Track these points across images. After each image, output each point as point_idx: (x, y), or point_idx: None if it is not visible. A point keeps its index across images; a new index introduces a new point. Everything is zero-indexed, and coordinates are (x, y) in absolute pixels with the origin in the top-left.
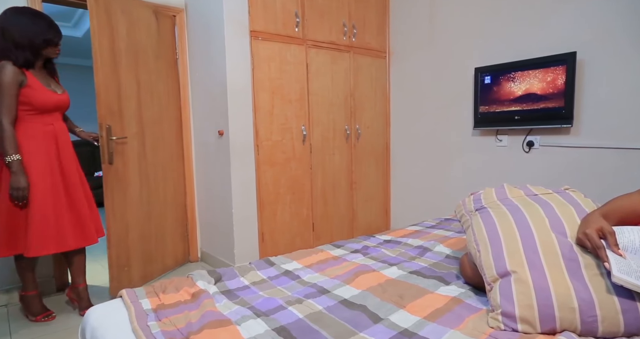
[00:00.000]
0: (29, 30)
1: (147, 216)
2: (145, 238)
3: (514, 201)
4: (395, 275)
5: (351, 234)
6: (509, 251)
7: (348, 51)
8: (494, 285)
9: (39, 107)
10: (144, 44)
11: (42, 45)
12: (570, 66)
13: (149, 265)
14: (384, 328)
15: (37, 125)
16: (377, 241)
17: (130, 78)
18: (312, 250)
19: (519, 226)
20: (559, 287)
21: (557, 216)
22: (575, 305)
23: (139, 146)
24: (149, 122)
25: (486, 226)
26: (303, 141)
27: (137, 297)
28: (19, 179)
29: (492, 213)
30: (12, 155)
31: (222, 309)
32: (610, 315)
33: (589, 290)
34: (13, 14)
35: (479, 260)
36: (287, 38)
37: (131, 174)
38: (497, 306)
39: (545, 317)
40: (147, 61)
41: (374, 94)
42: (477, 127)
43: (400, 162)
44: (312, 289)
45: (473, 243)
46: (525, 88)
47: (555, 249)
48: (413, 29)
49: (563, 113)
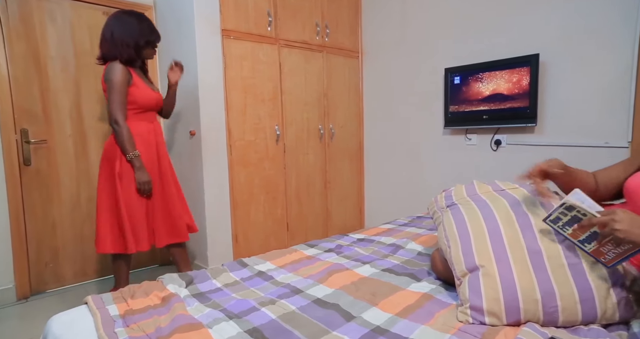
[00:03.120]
0: (135, 32)
1: (90, 215)
2: (84, 238)
3: (482, 197)
4: (368, 273)
5: (326, 233)
6: (478, 246)
7: (321, 51)
8: (463, 280)
9: (143, 105)
10: (87, 47)
11: (144, 46)
12: (534, 67)
13: (88, 264)
14: (357, 326)
15: (142, 123)
16: (350, 240)
17: (66, 82)
18: (285, 250)
19: (487, 222)
20: (523, 280)
21: (522, 210)
22: (538, 297)
23: (77, 146)
24: (94, 123)
25: (456, 222)
26: (277, 141)
27: (103, 303)
28: (144, 173)
29: (462, 209)
30: (132, 151)
31: (193, 313)
32: (570, 305)
33: (550, 282)
34: (122, 15)
35: (449, 255)
36: (260, 37)
37: (61, 174)
38: (466, 300)
39: (510, 309)
40: (92, 62)
41: (347, 94)
42: (447, 127)
43: (374, 161)
44: (285, 290)
45: (444, 239)
46: (493, 89)
47: (521, 243)
48: (385, 29)
49: (528, 112)
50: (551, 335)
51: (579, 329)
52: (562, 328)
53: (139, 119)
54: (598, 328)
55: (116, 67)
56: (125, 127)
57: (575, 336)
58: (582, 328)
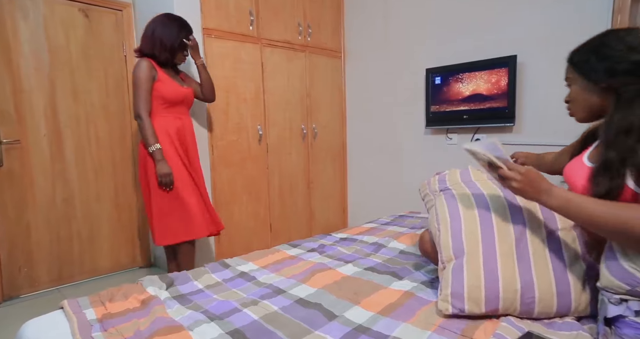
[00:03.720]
0: (173, 36)
1: (66, 217)
2: (61, 240)
3: (477, 183)
4: (350, 272)
5: (309, 233)
6: (467, 233)
7: (303, 51)
8: (447, 265)
9: (169, 99)
10: (63, 44)
11: (178, 48)
12: (512, 68)
13: (65, 267)
14: (339, 324)
15: (169, 118)
16: (333, 239)
17: (40, 80)
18: (268, 250)
19: (479, 209)
20: (506, 270)
21: (514, 200)
22: (518, 287)
23: (53, 146)
24: (71, 122)
25: (449, 207)
26: (259, 141)
27: (80, 307)
28: (163, 166)
29: (456, 194)
30: (153, 144)
31: (173, 315)
32: (547, 297)
33: (531, 273)
34: (167, 18)
35: (438, 239)
36: (241, 36)
37: (35, 175)
38: (447, 285)
39: (490, 298)
40: (69, 60)
41: (330, 94)
42: (429, 126)
43: (357, 161)
44: (267, 290)
45: (435, 223)
46: (473, 89)
47: (510, 231)
48: (367, 29)
49: (506, 112)
50: (528, 329)
51: (554, 323)
52: (537, 321)
53: (166, 114)
54: (572, 321)
55: (142, 63)
56: (147, 121)
57: (550, 329)
58: (556, 321)
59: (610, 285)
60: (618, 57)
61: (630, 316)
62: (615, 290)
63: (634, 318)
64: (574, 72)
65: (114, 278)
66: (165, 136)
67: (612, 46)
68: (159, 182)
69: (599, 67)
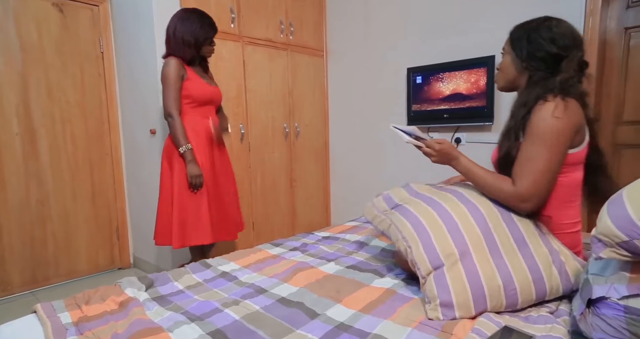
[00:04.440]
0: (195, 30)
1: (40, 218)
2: (35, 242)
3: (426, 194)
4: (332, 271)
5: (292, 232)
6: (439, 242)
7: (285, 49)
8: (428, 278)
9: (198, 98)
10: (35, 40)
11: (203, 43)
12: (490, 68)
13: (39, 270)
14: (321, 323)
15: (197, 117)
16: (315, 238)
17: (11, 77)
18: (250, 249)
19: (441, 217)
20: (485, 269)
21: (469, 201)
22: (500, 282)
23: (26, 146)
24: (45, 120)
25: (410, 221)
26: (241, 139)
27: (54, 311)
28: (195, 167)
29: (411, 208)
30: (185, 144)
31: (152, 317)
32: (526, 286)
33: (508, 267)
34: (184, 13)
35: (411, 255)
36: (222, 34)
37: (7, 175)
38: (434, 297)
39: (478, 299)
40: (42, 57)
41: (312, 92)
42: (410, 125)
43: (340, 159)
44: (249, 290)
45: (402, 241)
46: (453, 88)
47: (477, 232)
48: (349, 28)
49: (485, 112)
50: (505, 324)
51: (530, 316)
52: (514, 316)
53: (194, 113)
54: (546, 315)
55: (170, 62)
56: (178, 120)
57: (526, 323)
58: (532, 315)
59: (606, 232)
60: (540, 45)
61: (614, 297)
62: (609, 239)
63: (616, 300)
64: (509, 45)
65: (91, 280)
66: (194, 136)
67: (540, 34)
68: (189, 183)
69: (525, 49)
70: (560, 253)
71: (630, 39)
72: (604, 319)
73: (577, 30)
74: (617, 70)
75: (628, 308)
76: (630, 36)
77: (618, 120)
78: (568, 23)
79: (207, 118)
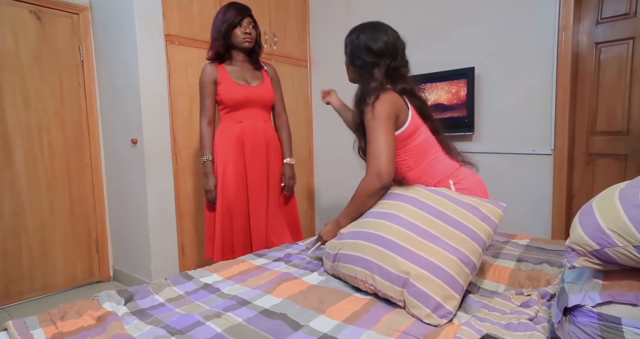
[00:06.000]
0: (218, 22)
1: (15, 230)
2: (8, 255)
3: (354, 230)
4: (316, 281)
5: None
6: (390, 264)
7: (269, 59)
8: (405, 298)
9: (227, 102)
10: (11, 47)
11: (227, 30)
12: (470, 80)
13: (13, 285)
14: (304, 334)
15: (230, 123)
16: (299, 248)
17: None
18: (233, 261)
19: (373, 242)
20: (440, 258)
21: (388, 214)
22: (456, 258)
23: (1, 156)
24: (22, 129)
25: (355, 264)
26: None
27: (27, 328)
28: (207, 181)
29: (347, 251)
30: (205, 155)
31: (131, 332)
32: (477, 254)
33: (454, 246)
34: (216, 15)
35: (380, 289)
36: (206, 43)
37: None
38: (419, 306)
39: (455, 286)
40: (18, 65)
41: (296, 102)
42: None
43: (324, 168)
44: (232, 302)
45: (362, 283)
46: (435, 99)
47: (410, 235)
48: (333, 38)
49: (466, 122)
50: (486, 332)
51: (510, 324)
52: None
53: (228, 119)
54: (526, 322)
55: (204, 68)
56: (205, 130)
57: (507, 331)
58: (512, 323)
59: (578, 242)
60: (356, 53)
61: (588, 305)
62: (582, 248)
63: (590, 308)
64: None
65: (68, 294)
66: (224, 144)
67: (354, 44)
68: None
69: (349, 56)
70: (473, 203)
71: (601, 54)
72: (580, 327)
73: (393, 37)
74: (589, 83)
75: (601, 315)
76: (601, 51)
77: (592, 130)
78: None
79: (240, 122)
